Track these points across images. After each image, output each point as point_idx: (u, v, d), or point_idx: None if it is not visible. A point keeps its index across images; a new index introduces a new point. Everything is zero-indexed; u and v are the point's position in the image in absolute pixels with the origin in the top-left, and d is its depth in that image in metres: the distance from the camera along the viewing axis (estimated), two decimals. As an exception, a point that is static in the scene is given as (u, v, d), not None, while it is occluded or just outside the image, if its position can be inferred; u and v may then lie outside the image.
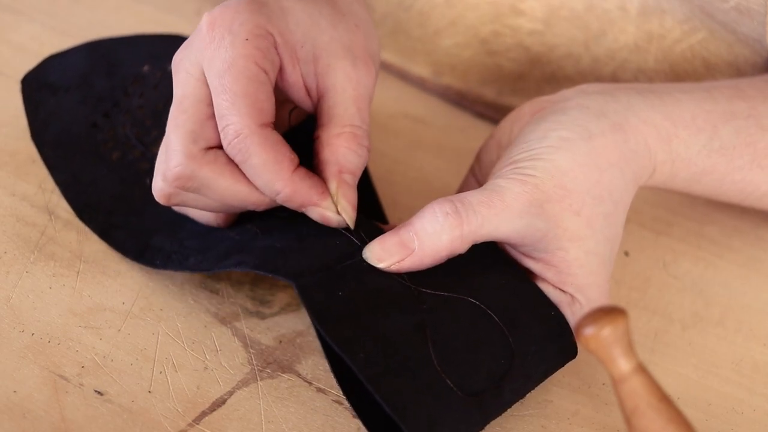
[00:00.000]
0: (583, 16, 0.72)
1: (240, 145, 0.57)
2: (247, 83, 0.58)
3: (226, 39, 0.59)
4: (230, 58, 0.58)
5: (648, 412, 0.52)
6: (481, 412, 0.55)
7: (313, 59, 0.61)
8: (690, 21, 0.70)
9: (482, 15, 0.75)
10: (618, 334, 0.51)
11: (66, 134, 0.69)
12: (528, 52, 0.75)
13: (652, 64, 0.72)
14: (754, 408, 0.63)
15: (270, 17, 0.60)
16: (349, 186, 0.60)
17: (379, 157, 0.74)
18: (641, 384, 0.52)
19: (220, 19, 0.59)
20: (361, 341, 0.54)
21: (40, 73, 0.71)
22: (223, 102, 0.58)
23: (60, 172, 0.68)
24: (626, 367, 0.52)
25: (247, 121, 0.58)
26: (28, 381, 0.58)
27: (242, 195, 0.59)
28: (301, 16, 0.61)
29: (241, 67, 0.58)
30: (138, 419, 0.57)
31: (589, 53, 0.73)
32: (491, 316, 0.58)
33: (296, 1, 0.62)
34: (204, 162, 0.58)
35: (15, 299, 0.62)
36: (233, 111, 0.58)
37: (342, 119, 0.60)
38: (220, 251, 0.61)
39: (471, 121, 0.78)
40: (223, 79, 0.58)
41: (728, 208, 0.73)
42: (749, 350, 0.65)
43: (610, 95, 0.62)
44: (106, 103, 0.66)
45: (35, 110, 0.70)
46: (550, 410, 0.61)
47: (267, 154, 0.58)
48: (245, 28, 0.59)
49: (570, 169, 0.59)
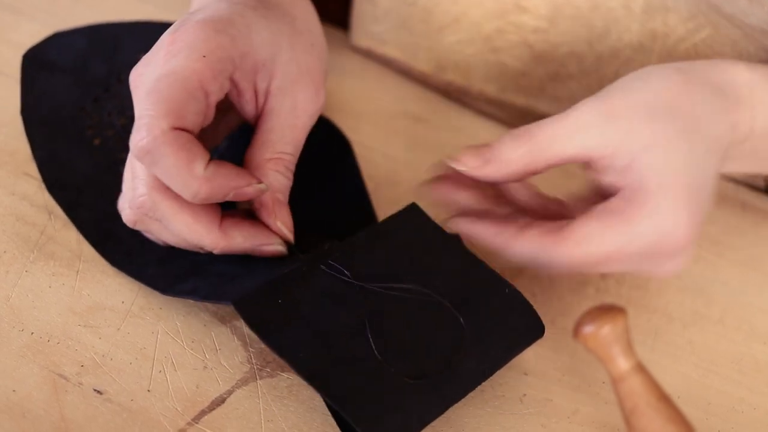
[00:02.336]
0: (587, 15, 0.72)
1: (149, 146, 0.56)
2: (180, 92, 0.57)
3: (182, 53, 0.58)
4: (178, 66, 0.57)
5: (647, 411, 0.52)
6: (436, 394, 0.56)
7: (268, 78, 0.61)
8: (694, 19, 0.70)
9: (486, 12, 0.75)
10: (617, 333, 0.51)
11: (55, 114, 0.70)
12: (531, 50, 0.75)
13: (655, 63, 0.72)
14: (754, 407, 0.62)
15: (235, 38, 0.60)
16: (281, 203, 0.61)
17: (379, 157, 0.74)
18: (640, 383, 0.52)
19: (183, 34, 0.59)
20: (302, 343, 0.56)
21: (43, 49, 0.72)
22: (145, 102, 0.57)
23: (41, 148, 0.68)
24: (625, 366, 0.52)
25: (160, 122, 0.56)
26: (27, 380, 0.58)
27: (198, 234, 0.60)
28: (265, 34, 0.61)
29: (183, 77, 0.57)
30: (137, 418, 0.57)
31: (592, 51, 0.73)
32: (440, 300, 0.58)
33: (260, 17, 0.62)
34: (168, 195, 0.59)
35: (14, 298, 0.62)
36: (150, 110, 0.56)
37: (275, 146, 0.62)
38: (178, 270, 0.62)
39: (472, 120, 0.78)
40: (158, 83, 0.57)
41: (729, 207, 0.73)
42: (750, 349, 0.65)
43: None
44: (98, 88, 0.66)
45: (30, 86, 0.71)
46: (549, 409, 0.61)
47: (176, 154, 0.57)
48: (206, 45, 0.58)
49: (642, 87, 0.60)
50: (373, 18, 0.79)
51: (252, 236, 0.61)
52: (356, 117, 0.76)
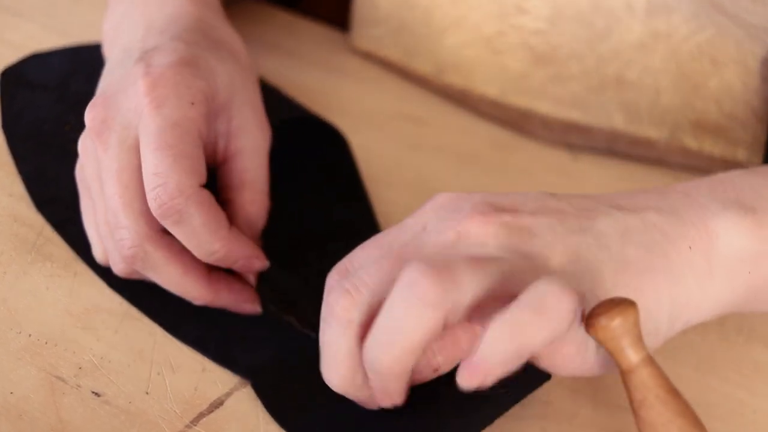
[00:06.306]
0: (588, 15, 0.72)
1: (180, 206, 0.57)
2: (190, 144, 0.58)
3: (170, 100, 0.58)
4: (176, 118, 0.58)
5: (656, 404, 0.52)
6: None
7: (227, 119, 0.62)
8: (697, 18, 0.69)
9: (487, 14, 0.75)
10: (627, 326, 0.51)
11: (37, 129, 0.69)
12: (532, 52, 0.75)
13: (658, 63, 0.72)
14: (754, 409, 0.62)
15: (207, 80, 0.60)
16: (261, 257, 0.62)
17: (379, 158, 0.73)
18: (649, 376, 0.52)
19: (162, 80, 0.59)
20: (316, 426, 0.57)
21: (21, 68, 0.72)
22: (165, 158, 0.57)
23: (26, 163, 0.68)
24: (635, 359, 0.52)
25: (188, 180, 0.57)
26: (24, 382, 0.58)
27: (186, 287, 0.60)
28: (224, 77, 0.62)
29: (187, 128, 0.58)
30: (135, 420, 0.57)
31: (594, 52, 0.73)
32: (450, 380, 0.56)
33: (217, 60, 0.62)
34: (161, 245, 0.59)
35: (12, 300, 0.61)
36: (175, 169, 0.57)
37: (254, 185, 0.62)
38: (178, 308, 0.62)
39: (472, 122, 0.78)
40: (165, 135, 0.57)
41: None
42: (750, 351, 0.65)
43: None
44: (80, 105, 0.65)
45: (10, 101, 0.70)
46: (550, 412, 0.61)
47: (206, 214, 0.58)
48: (190, 91, 0.59)
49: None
50: (373, 21, 0.79)
51: (237, 292, 0.62)
52: (355, 119, 0.76)
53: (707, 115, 0.73)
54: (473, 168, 0.74)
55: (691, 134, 0.73)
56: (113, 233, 0.59)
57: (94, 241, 0.62)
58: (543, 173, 0.75)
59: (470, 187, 0.72)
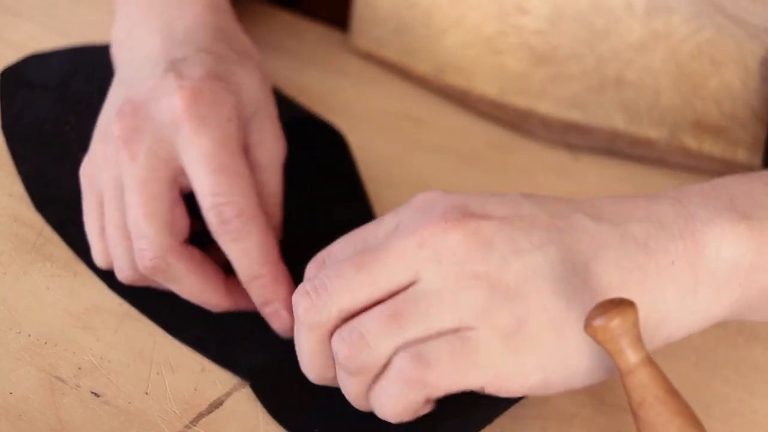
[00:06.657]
0: (588, 15, 0.72)
1: (242, 224, 0.58)
2: (241, 165, 0.59)
3: (211, 119, 0.58)
4: (220, 137, 0.58)
5: (655, 404, 0.52)
6: None
7: (248, 133, 0.62)
8: (697, 18, 0.69)
9: (487, 14, 0.75)
10: (627, 326, 0.51)
11: (37, 129, 0.69)
12: (532, 52, 0.74)
13: (658, 63, 0.72)
14: (754, 410, 0.62)
15: (235, 95, 0.61)
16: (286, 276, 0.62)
17: (379, 158, 0.73)
18: (649, 376, 0.52)
19: (200, 95, 0.59)
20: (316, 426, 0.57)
21: (21, 68, 0.72)
22: (225, 179, 0.58)
23: (26, 164, 0.68)
24: (634, 359, 0.52)
25: (247, 200, 0.58)
26: (24, 383, 0.58)
27: (204, 296, 0.60)
28: (250, 92, 0.62)
29: (232, 147, 0.59)
30: (135, 421, 0.57)
31: (594, 52, 0.73)
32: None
33: (244, 74, 0.63)
34: (182, 257, 0.59)
35: (12, 300, 0.61)
36: (237, 191, 0.58)
37: (269, 199, 0.62)
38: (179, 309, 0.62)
39: (472, 122, 0.78)
40: (219, 156, 0.58)
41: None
42: (750, 351, 0.65)
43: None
44: (80, 105, 0.66)
45: (10, 102, 0.70)
46: (549, 411, 0.61)
47: (261, 236, 0.59)
48: (226, 108, 0.59)
49: None
50: (373, 21, 0.79)
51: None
52: (355, 119, 0.76)
53: (707, 115, 0.72)
54: (473, 168, 0.74)
55: (691, 134, 0.73)
56: (134, 242, 0.59)
57: (94, 244, 0.62)
58: (543, 173, 0.75)
59: (470, 187, 0.72)
